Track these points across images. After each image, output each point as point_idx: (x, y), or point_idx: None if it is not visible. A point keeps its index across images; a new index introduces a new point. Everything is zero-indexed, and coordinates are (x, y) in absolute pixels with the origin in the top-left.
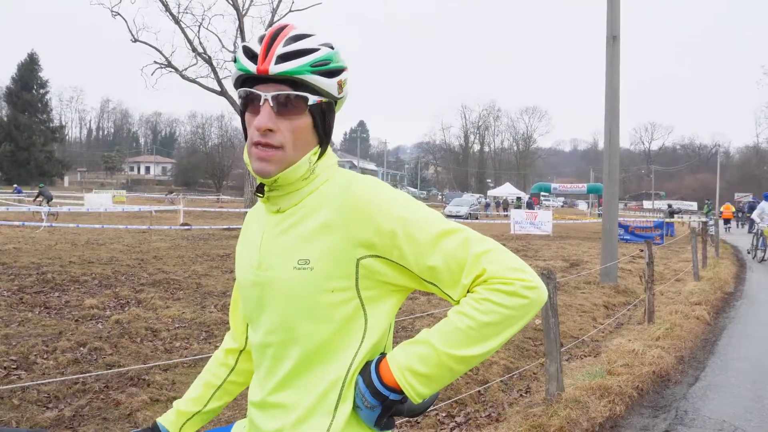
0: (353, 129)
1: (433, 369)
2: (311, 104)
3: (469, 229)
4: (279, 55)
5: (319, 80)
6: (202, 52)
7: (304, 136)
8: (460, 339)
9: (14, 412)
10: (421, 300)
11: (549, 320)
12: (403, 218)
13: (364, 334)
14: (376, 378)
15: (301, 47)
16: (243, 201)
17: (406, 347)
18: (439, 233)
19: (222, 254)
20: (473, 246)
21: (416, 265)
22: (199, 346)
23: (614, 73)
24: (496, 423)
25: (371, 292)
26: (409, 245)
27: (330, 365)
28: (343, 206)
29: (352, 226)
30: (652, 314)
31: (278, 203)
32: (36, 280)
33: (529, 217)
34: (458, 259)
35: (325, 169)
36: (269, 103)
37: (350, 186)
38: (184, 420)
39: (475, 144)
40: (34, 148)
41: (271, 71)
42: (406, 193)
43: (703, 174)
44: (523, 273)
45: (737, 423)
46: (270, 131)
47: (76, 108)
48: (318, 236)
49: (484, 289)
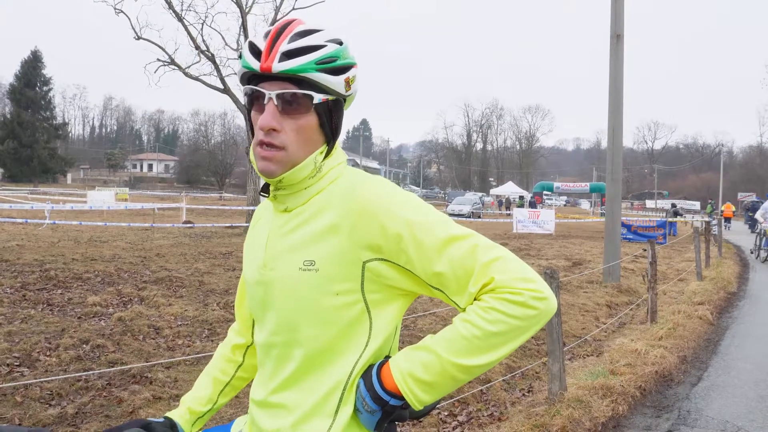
0: (356, 127)
1: (436, 377)
2: (317, 103)
3: (478, 234)
4: (283, 53)
5: (325, 78)
6: (205, 49)
7: (310, 135)
8: (464, 348)
9: (17, 409)
10: (423, 299)
11: (552, 319)
12: (409, 221)
13: (369, 338)
14: (377, 382)
15: (306, 44)
16: (246, 199)
17: (410, 353)
18: (446, 239)
19: (224, 252)
20: (482, 253)
21: (422, 271)
22: (202, 343)
23: (618, 72)
24: (498, 422)
25: (376, 295)
26: (416, 250)
27: (333, 368)
28: (349, 208)
29: (359, 228)
30: (654, 314)
31: (285, 202)
32: (39, 277)
33: (531, 216)
34: (466, 267)
35: (333, 168)
36: (273, 101)
37: (357, 187)
38: (196, 418)
39: (477, 142)
40: (37, 145)
41: (274, 69)
42: (414, 195)
43: (707, 173)
44: (533, 283)
45: (740, 423)
46: (274, 131)
47: (79, 105)
48: (324, 238)
49: (491, 298)
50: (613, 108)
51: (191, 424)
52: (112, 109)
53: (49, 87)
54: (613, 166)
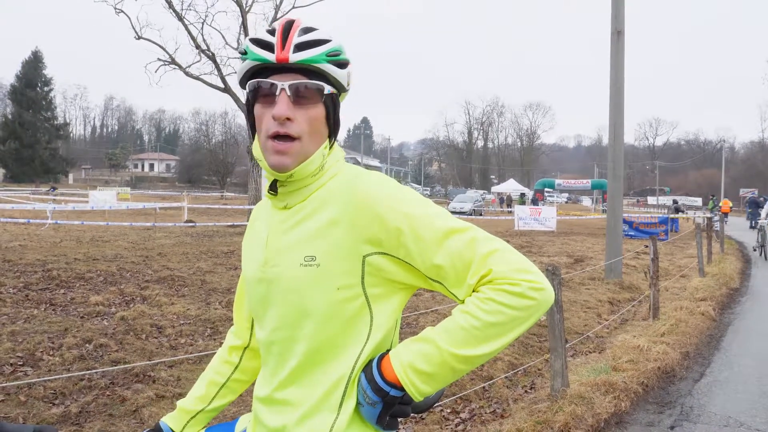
0: (357, 125)
1: (436, 367)
2: (326, 94)
3: (476, 227)
4: (297, 44)
5: (334, 70)
6: (206, 49)
7: (319, 126)
8: (464, 338)
9: (21, 408)
10: (425, 296)
11: (554, 316)
12: (409, 215)
13: (370, 332)
14: (378, 373)
15: (316, 37)
16: (247, 198)
17: (410, 344)
18: (445, 231)
19: (226, 251)
20: (480, 246)
21: (422, 263)
22: (204, 342)
23: (619, 69)
24: (500, 419)
25: (377, 289)
26: (415, 243)
27: (335, 363)
28: (349, 203)
29: (359, 222)
30: (656, 310)
31: (285, 199)
32: (41, 277)
33: (533, 214)
34: (464, 259)
35: (333, 164)
36: (286, 92)
37: (356, 182)
38: (188, 418)
39: (478, 140)
40: (39, 145)
41: (291, 59)
42: (412, 189)
43: (708, 169)
44: (530, 274)
45: (743, 419)
46: (288, 120)
47: (80, 105)
48: (324, 233)
49: (489, 289)
50: (614, 104)
51: (183, 425)
52: (113, 108)
53: (50, 87)
54: (615, 162)
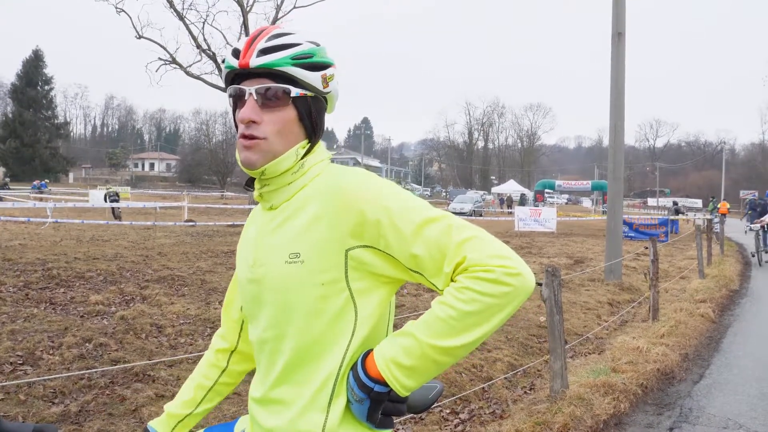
0: (357, 126)
1: (417, 361)
2: (294, 96)
3: (453, 216)
4: (260, 49)
5: (301, 72)
6: (207, 48)
7: (289, 127)
8: (442, 329)
9: (20, 407)
10: (425, 296)
11: (553, 317)
12: (388, 207)
13: (355, 327)
14: (362, 370)
15: (282, 42)
16: (247, 197)
17: (392, 339)
18: (422, 221)
19: (226, 251)
20: (455, 233)
21: (401, 254)
22: (204, 342)
23: (619, 70)
24: (500, 420)
25: (361, 283)
26: (394, 234)
27: (323, 360)
28: (330, 198)
29: (340, 217)
30: (656, 312)
31: (270, 200)
32: (41, 276)
33: (533, 214)
34: (440, 247)
35: (316, 164)
36: (253, 96)
37: (337, 178)
38: (176, 422)
39: (479, 141)
40: (39, 144)
41: (251, 64)
42: (394, 183)
43: (709, 171)
44: (505, 259)
45: (742, 421)
46: (253, 123)
47: (80, 104)
48: (308, 230)
49: (464, 278)
50: (615, 106)
51: (171, 428)
52: (114, 108)
53: (50, 86)
54: (615, 164)
